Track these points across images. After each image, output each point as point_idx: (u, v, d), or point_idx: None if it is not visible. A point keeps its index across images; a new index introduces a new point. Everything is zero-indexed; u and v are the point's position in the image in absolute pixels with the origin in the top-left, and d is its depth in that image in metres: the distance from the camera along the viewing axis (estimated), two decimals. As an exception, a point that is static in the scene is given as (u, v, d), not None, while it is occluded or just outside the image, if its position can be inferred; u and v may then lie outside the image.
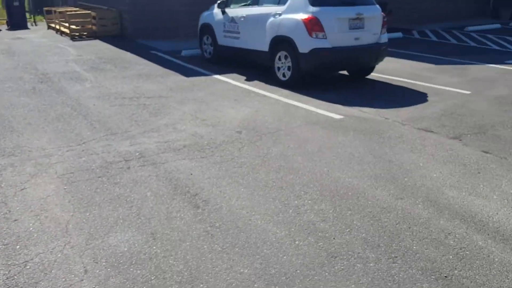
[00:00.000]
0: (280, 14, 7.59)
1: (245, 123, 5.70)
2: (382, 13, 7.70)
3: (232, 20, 8.69)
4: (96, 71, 8.64)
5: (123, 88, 7.34)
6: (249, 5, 8.46)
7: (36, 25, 17.57)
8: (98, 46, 11.61)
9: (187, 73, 8.60)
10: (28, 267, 2.84)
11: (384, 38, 7.71)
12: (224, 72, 8.67)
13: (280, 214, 3.52)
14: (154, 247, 3.06)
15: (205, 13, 9.80)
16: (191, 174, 4.21)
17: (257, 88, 7.46)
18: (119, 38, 12.82)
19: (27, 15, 17.82)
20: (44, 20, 18.57)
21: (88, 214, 3.47)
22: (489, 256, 3.02)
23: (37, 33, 14.84)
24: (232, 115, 6.03)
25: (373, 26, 7.49)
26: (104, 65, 9.20)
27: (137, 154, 4.66)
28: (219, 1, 9.17)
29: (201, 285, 2.70)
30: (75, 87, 7.36)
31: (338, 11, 7.29)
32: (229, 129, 5.47)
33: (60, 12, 14.19)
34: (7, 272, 2.78)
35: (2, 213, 3.46)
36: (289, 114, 6.09)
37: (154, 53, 10.54)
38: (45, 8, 16.67)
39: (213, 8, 9.46)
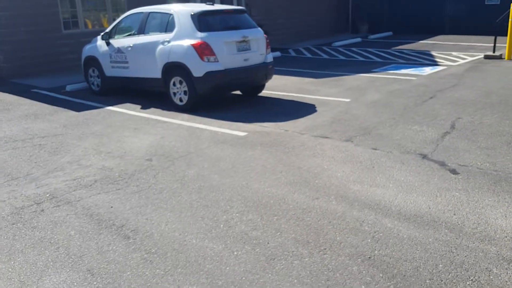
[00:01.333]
0: (169, 41, 7.76)
1: (153, 150, 5.73)
2: (265, 35, 8.30)
3: (119, 50, 8.62)
4: (-28, 115, 7.87)
5: (12, 131, 6.82)
6: (134, 34, 8.48)
7: None
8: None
9: (78, 108, 8.28)
10: (-45, 330, 2.59)
11: (270, 57, 8.31)
12: (116, 103, 8.52)
13: (212, 230, 3.66)
14: (95, 283, 2.99)
15: (88, 46, 9.55)
16: (111, 207, 4.15)
17: (156, 115, 7.49)
18: (-10, 79, 11.75)
19: None
20: None
21: (12, 262, 3.24)
22: (398, 234, 3.51)
23: None
24: (136, 144, 6.00)
25: (259, 47, 8.04)
26: (-19, 108, 8.42)
27: (47, 195, 4.43)
28: (102, 33, 9.04)
29: (155, 308, 2.73)
30: (-49, 135, 6.65)
31: (225, 35, 7.69)
32: (137, 158, 5.44)
33: None
34: None
35: None
36: (195, 136, 6.25)
37: (37, 92, 9.90)
38: None
39: (96, 40, 9.28)
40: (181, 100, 7.81)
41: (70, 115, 7.73)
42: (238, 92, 9.02)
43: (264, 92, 8.91)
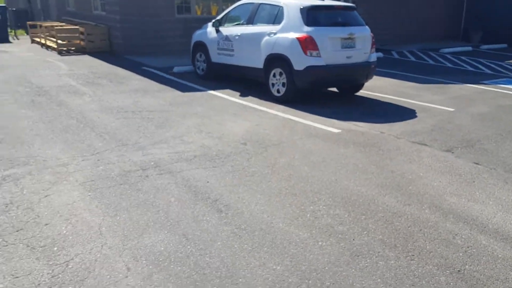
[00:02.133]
0: (275, 33, 7.94)
1: (248, 135, 5.95)
2: (371, 33, 8.16)
3: (227, 38, 8.99)
4: (93, 85, 8.74)
5: (124, 103, 7.48)
6: (243, 24, 8.80)
7: (17, 39, 17.45)
8: (89, 62, 11.69)
9: (183, 88, 8.82)
10: (70, 266, 2.97)
11: (374, 57, 8.16)
12: (218, 88, 8.92)
13: (299, 218, 3.76)
14: (189, 247, 3.24)
15: (198, 32, 10.08)
16: (208, 182, 4.41)
17: (253, 104, 7.74)
18: (108, 54, 12.93)
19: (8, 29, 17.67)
20: (26, 34, 18.48)
21: (118, 218, 3.62)
22: (493, 253, 3.33)
23: (21, 47, 14.77)
24: (234, 128, 6.27)
25: (364, 46, 7.93)
26: (100, 80, 9.31)
27: (152, 163, 4.83)
28: (213, 20, 9.49)
29: (240, 279, 2.90)
30: (75, 101, 7.45)
31: (331, 31, 7.69)
32: (234, 141, 5.70)
33: (46, 27, 14.19)
34: (50, 271, 2.91)
35: (31, 218, 3.57)
36: (288, 127, 6.38)
37: (147, 69, 10.71)
38: (29, 23, 16.60)
39: (207, 27, 9.76)
40: (278, 91, 7.97)
41: (176, 95, 8.26)
42: (334, 89, 8.98)
43: (362, 92, 8.78)
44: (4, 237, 3.25)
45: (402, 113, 7.36)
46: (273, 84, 8.07)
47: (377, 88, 9.22)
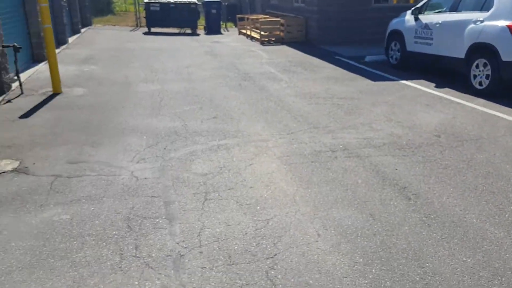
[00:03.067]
0: (482, 21, 7.30)
1: (442, 128, 5.69)
2: None
3: (426, 26, 8.63)
4: (289, 73, 9.44)
5: (316, 89, 7.90)
6: (445, 11, 8.31)
7: (227, 30, 19.71)
8: (286, 51, 12.58)
9: (374, 77, 8.82)
10: (270, 224, 3.41)
11: None
12: (410, 78, 8.66)
13: (496, 217, 3.52)
14: (375, 226, 3.37)
15: (395, 20, 9.89)
16: (396, 169, 4.44)
17: (449, 95, 7.30)
18: (303, 44, 13.67)
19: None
20: (234, 26, 20.73)
21: (310, 190, 3.96)
22: None
23: (230, 38, 16.66)
24: (426, 119, 6.06)
25: None
26: (295, 68, 9.98)
27: (340, 146, 5.07)
28: (413, 8, 9.19)
29: (427, 264, 2.92)
30: (273, 86, 8.19)
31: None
32: (426, 132, 5.53)
33: (252, 19, 15.71)
34: (254, 225, 3.39)
35: (240, 181, 4.17)
36: (489, 123, 5.87)
37: (339, 59, 11.01)
38: (238, 16, 18.59)
39: (405, 15, 9.51)
40: (480, 84, 7.34)
41: (366, 83, 8.33)
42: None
43: None
44: (220, 193, 3.90)
45: None
46: (474, 76, 7.47)
47: None
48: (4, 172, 4.28)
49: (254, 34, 15.22)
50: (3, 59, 7.30)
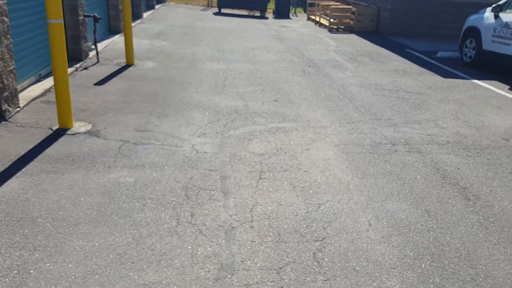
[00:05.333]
0: None
1: (513, 132, 5.41)
2: None
3: (506, 25, 8.13)
4: (355, 62, 9.28)
5: (382, 81, 7.73)
6: (531, 9, 7.79)
7: (296, 16, 19.57)
8: (354, 40, 12.34)
9: (444, 74, 8.48)
10: (321, 208, 3.45)
11: None
12: (483, 78, 8.25)
13: (562, 228, 3.34)
14: (430, 222, 3.32)
15: (472, 17, 9.40)
16: (458, 168, 4.30)
17: (526, 100, 6.89)
18: (373, 34, 13.33)
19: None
20: (303, 12, 20.53)
21: (365, 180, 3.95)
22: None
23: (298, 23, 16.55)
24: (496, 121, 5.78)
25: None
26: (362, 57, 9.79)
27: (402, 140, 4.97)
28: (494, 5, 8.69)
29: (480, 266, 2.84)
30: (338, 74, 8.10)
31: None
32: (494, 135, 5.28)
33: (322, 6, 15.49)
34: (306, 208, 3.45)
35: (295, 164, 4.22)
36: None
37: (409, 52, 10.65)
38: (308, 1, 18.39)
39: (483, 12, 9.01)
40: (562, 89, 6.85)
41: (436, 79, 8.03)
42: None
43: None
44: (275, 174, 3.98)
45: None
46: (556, 81, 6.98)
47: None
48: (78, 133, 4.61)
49: (322, 21, 15.02)
50: (83, 28, 7.75)
